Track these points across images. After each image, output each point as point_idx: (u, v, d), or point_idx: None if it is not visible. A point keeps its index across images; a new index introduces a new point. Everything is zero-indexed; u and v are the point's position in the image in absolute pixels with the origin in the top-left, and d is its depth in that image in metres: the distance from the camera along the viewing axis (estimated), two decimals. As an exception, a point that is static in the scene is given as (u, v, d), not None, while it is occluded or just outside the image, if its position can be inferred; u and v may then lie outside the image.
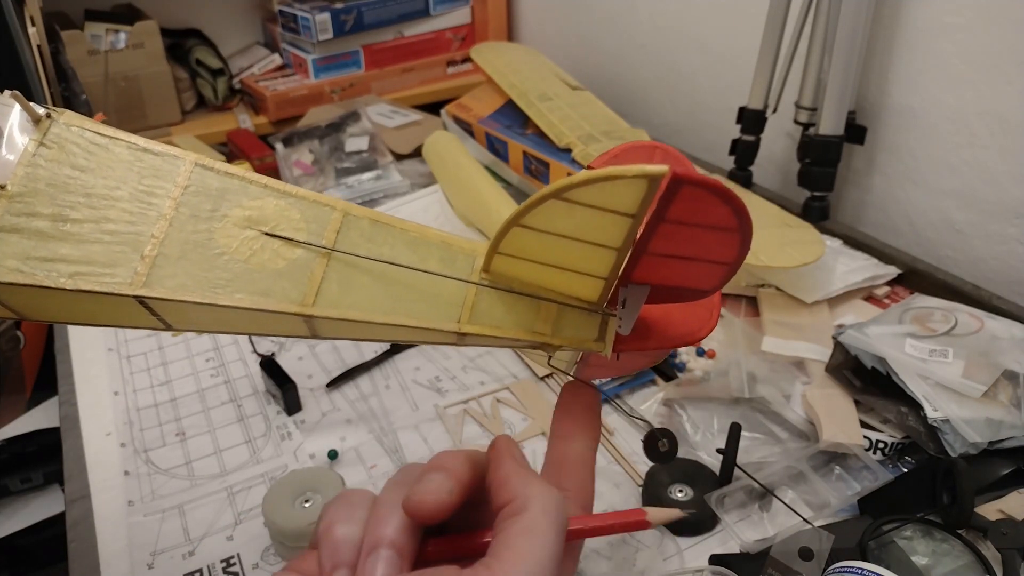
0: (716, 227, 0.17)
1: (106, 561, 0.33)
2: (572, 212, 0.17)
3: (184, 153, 0.20)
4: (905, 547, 0.30)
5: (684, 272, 0.19)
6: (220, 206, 0.20)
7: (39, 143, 0.19)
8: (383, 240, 0.20)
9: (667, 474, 0.34)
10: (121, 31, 0.74)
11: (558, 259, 0.19)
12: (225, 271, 0.19)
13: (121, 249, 0.19)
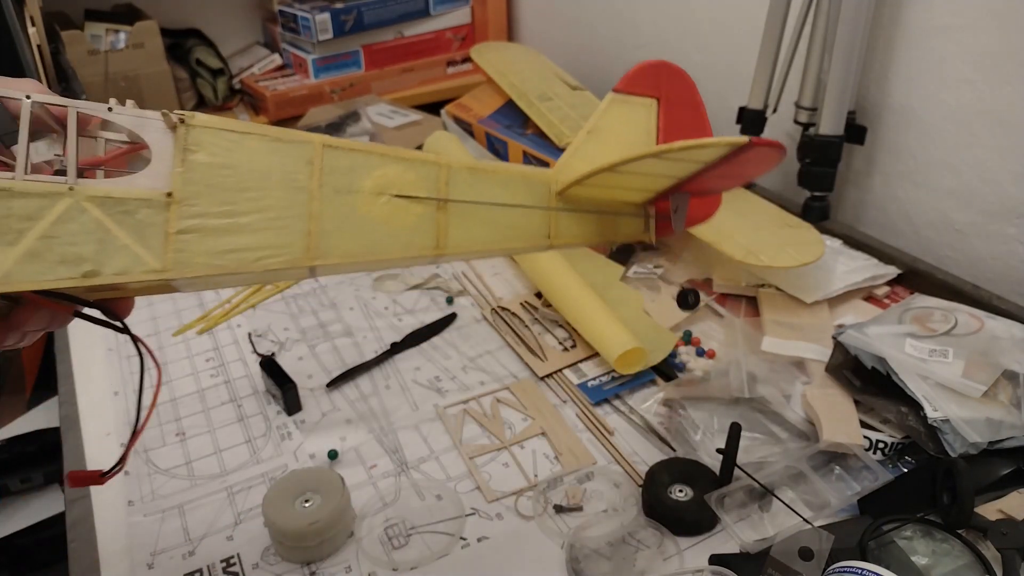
0: (764, 163, 0.23)
1: (106, 561, 0.33)
2: (659, 162, 0.22)
3: (310, 137, 0.22)
4: (905, 547, 0.30)
5: (723, 184, 0.26)
6: (353, 180, 0.23)
7: (184, 148, 0.21)
8: (482, 185, 0.25)
9: (667, 474, 0.35)
10: (121, 31, 0.74)
11: (626, 185, 0.25)
12: (374, 233, 0.23)
13: (287, 231, 0.22)
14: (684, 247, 0.53)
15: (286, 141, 0.22)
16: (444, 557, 0.32)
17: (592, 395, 0.42)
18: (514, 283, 0.53)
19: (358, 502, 0.35)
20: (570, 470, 0.37)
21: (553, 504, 0.35)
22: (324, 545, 0.33)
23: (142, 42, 0.75)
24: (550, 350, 0.45)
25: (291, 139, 0.22)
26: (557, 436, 0.39)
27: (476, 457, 0.38)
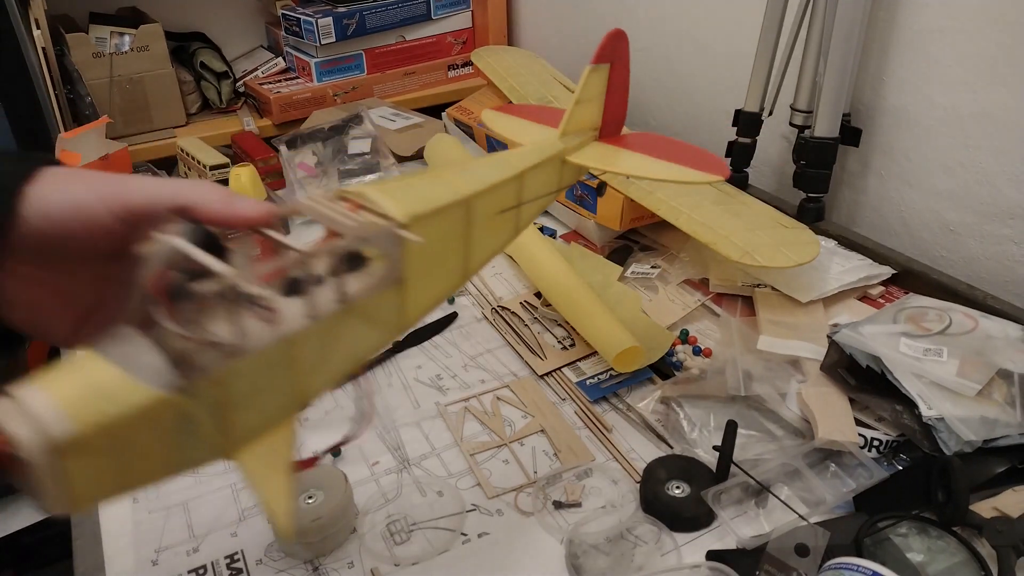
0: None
1: (110, 558, 0.34)
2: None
3: (458, 196, 0.27)
4: (900, 544, 0.30)
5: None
6: (485, 211, 0.29)
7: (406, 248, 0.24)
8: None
9: (665, 471, 0.35)
10: (125, 34, 0.75)
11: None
12: (492, 240, 0.30)
13: (455, 267, 0.28)
14: (681, 248, 0.53)
15: (444, 212, 0.26)
16: (445, 552, 0.33)
17: (591, 393, 0.42)
18: (514, 283, 0.53)
19: (360, 498, 0.36)
20: (569, 467, 0.37)
21: (552, 500, 0.35)
22: (327, 541, 0.33)
23: (146, 45, 0.76)
24: (549, 349, 0.46)
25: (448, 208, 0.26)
26: (556, 433, 0.39)
27: (477, 454, 0.38)
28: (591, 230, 0.56)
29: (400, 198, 0.23)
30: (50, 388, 0.17)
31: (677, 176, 0.34)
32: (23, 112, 0.67)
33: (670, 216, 0.48)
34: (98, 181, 0.20)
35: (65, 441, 0.16)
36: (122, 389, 0.18)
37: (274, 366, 0.20)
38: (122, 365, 0.18)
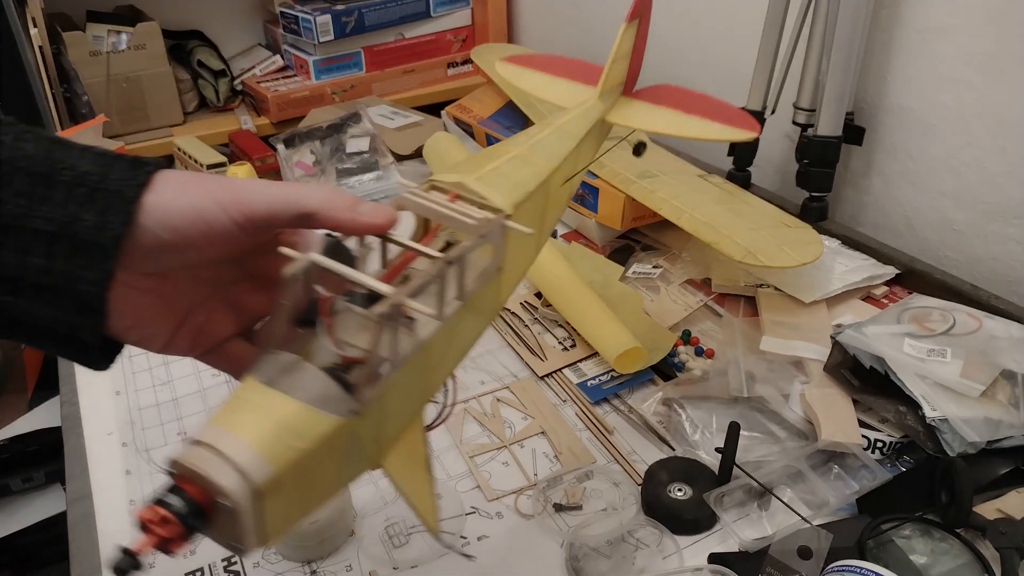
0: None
1: (107, 560, 0.33)
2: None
3: (543, 176, 0.27)
4: (904, 546, 0.30)
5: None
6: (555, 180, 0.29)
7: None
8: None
9: (666, 473, 0.35)
10: (123, 32, 0.74)
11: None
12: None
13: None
14: (683, 247, 0.53)
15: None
16: (444, 556, 0.33)
17: (592, 394, 0.42)
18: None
19: (359, 501, 0.35)
20: (570, 469, 0.37)
21: (553, 503, 0.35)
22: (325, 544, 0.33)
23: (144, 43, 0.75)
24: (550, 350, 0.45)
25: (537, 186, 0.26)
26: (557, 435, 0.39)
27: (476, 456, 0.38)
28: (592, 229, 0.56)
29: (497, 186, 0.24)
30: (241, 431, 0.17)
31: (712, 134, 0.33)
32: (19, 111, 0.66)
33: (672, 215, 0.48)
34: (216, 187, 0.19)
35: (266, 484, 0.16)
36: (307, 422, 0.18)
37: (415, 371, 0.21)
38: (300, 396, 0.18)
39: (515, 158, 0.27)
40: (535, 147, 0.29)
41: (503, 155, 0.27)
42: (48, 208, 0.18)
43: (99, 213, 0.18)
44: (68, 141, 0.19)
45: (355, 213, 0.20)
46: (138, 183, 0.19)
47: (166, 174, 0.19)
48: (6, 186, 0.17)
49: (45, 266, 0.18)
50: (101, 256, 0.18)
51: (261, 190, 0.20)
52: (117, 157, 0.19)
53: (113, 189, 0.18)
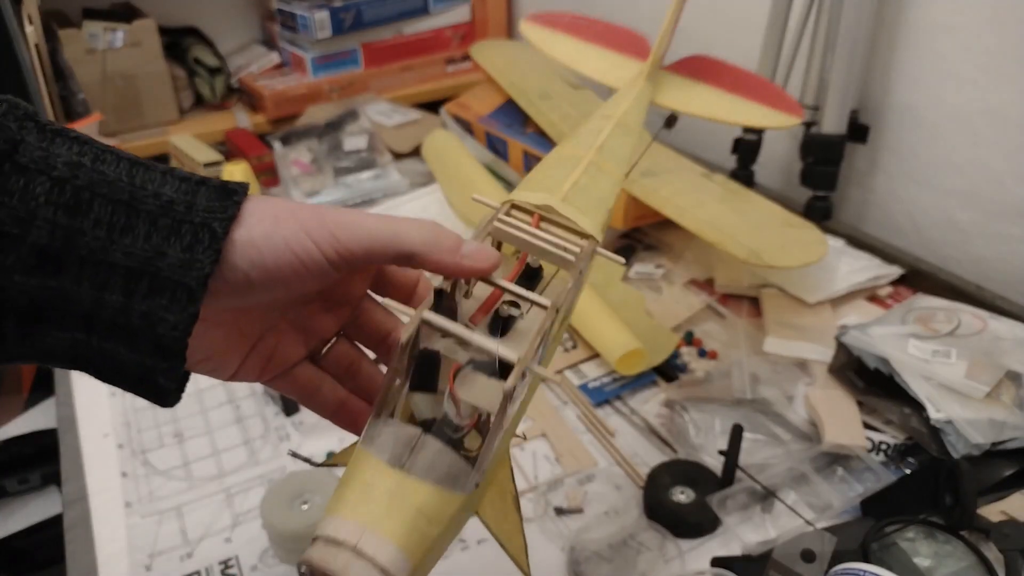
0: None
1: (104, 562, 0.33)
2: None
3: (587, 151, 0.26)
4: (908, 549, 0.30)
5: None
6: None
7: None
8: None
9: (669, 475, 0.34)
10: (119, 29, 0.74)
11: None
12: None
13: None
14: (686, 247, 0.53)
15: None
16: (443, 559, 0.32)
17: (593, 396, 0.41)
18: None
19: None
20: (571, 472, 0.36)
21: (554, 506, 0.34)
22: (323, 547, 0.32)
23: (140, 40, 0.75)
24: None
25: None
26: (558, 438, 0.39)
27: (476, 458, 0.38)
28: (592, 228, 0.55)
29: (583, 205, 0.22)
30: (381, 528, 0.16)
31: (758, 119, 0.32)
32: (14, 108, 0.66)
33: (674, 215, 0.47)
34: (309, 219, 0.18)
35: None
36: (440, 506, 0.17)
37: (514, 422, 0.20)
38: (430, 478, 0.17)
39: (591, 166, 0.25)
40: (604, 151, 0.27)
41: (577, 163, 0.25)
42: (129, 241, 0.16)
43: (185, 249, 0.16)
44: (148, 161, 0.17)
45: (459, 257, 0.19)
46: (227, 216, 0.17)
47: (255, 203, 0.18)
48: (86, 215, 0.16)
49: (123, 304, 0.16)
50: (186, 297, 0.16)
51: (358, 226, 0.18)
52: (202, 182, 0.17)
53: (199, 222, 0.16)
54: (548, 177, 0.24)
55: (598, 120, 0.30)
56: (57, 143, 0.16)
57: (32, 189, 0.15)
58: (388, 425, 0.18)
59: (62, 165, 0.16)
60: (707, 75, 0.34)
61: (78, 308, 0.16)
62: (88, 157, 0.16)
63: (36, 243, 0.15)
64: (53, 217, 0.15)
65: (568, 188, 0.23)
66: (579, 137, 0.28)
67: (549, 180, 0.24)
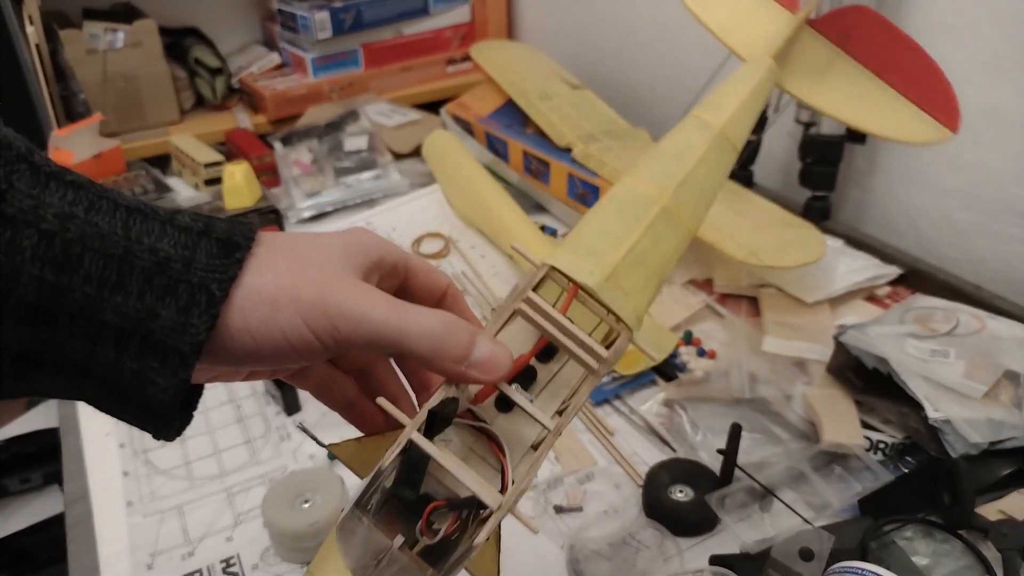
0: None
1: (105, 562, 0.33)
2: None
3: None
4: (906, 547, 0.30)
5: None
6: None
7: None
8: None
9: (668, 474, 0.34)
10: (119, 30, 0.74)
11: None
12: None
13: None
14: (684, 247, 0.53)
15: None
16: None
17: (592, 396, 0.41)
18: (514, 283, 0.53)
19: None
20: (570, 471, 0.36)
21: (553, 505, 0.35)
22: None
23: (140, 41, 0.75)
24: (550, 350, 0.45)
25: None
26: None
27: (476, 458, 0.38)
28: (592, 228, 0.56)
29: (633, 281, 0.19)
30: None
31: (897, 130, 0.23)
32: (16, 109, 0.66)
33: (672, 214, 0.48)
34: (310, 306, 0.16)
35: None
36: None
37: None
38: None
39: (662, 217, 0.20)
40: (686, 188, 0.21)
41: (645, 210, 0.20)
42: (121, 299, 0.15)
43: (180, 311, 0.15)
44: (148, 209, 0.16)
45: (466, 366, 0.17)
46: (227, 277, 0.16)
47: (258, 262, 0.16)
48: (75, 271, 0.15)
49: (114, 361, 0.15)
50: (177, 362, 0.15)
51: (362, 317, 0.17)
52: (203, 233, 0.16)
53: (197, 282, 0.15)
54: (604, 231, 0.20)
55: (690, 130, 0.22)
56: (50, 189, 0.15)
57: (18, 242, 0.14)
58: (363, 524, 0.17)
59: (52, 216, 0.15)
60: (858, 42, 0.25)
61: (72, 358, 0.15)
62: (82, 206, 0.15)
63: (23, 298, 0.14)
64: (40, 273, 0.14)
65: (622, 257, 0.19)
66: (659, 161, 0.22)
67: (604, 237, 0.20)
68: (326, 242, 0.18)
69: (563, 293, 0.19)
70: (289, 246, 0.17)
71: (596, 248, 0.20)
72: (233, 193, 0.59)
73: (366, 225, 0.60)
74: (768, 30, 0.24)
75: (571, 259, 0.20)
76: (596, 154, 0.55)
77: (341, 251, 0.18)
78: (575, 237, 0.21)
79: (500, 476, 0.18)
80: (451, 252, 0.56)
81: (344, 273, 0.17)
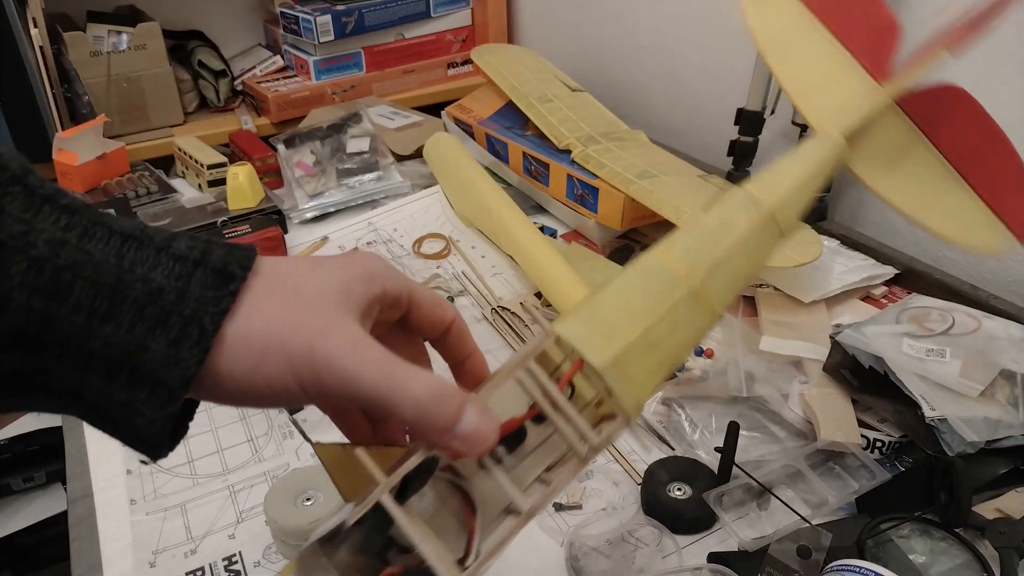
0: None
1: (108, 560, 0.33)
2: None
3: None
4: (903, 546, 0.30)
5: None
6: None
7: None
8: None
9: (666, 472, 0.35)
10: (123, 32, 0.74)
11: None
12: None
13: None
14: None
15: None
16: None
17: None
18: (514, 283, 0.53)
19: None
20: (570, 469, 0.37)
21: (553, 502, 0.35)
22: (325, 543, 0.33)
23: (144, 43, 0.75)
24: (550, 350, 0.45)
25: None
26: (557, 435, 0.39)
27: (476, 456, 0.38)
28: (592, 230, 0.56)
29: (643, 367, 0.17)
30: None
31: (963, 233, 0.20)
32: (20, 111, 0.66)
33: (672, 216, 0.48)
34: (299, 355, 0.16)
35: None
36: None
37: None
38: None
39: (686, 301, 0.18)
40: (719, 273, 0.18)
41: (670, 291, 0.18)
42: (111, 329, 0.15)
43: (170, 344, 0.15)
44: (143, 235, 0.16)
45: (450, 437, 0.17)
46: (220, 309, 0.15)
47: (253, 298, 0.16)
48: (64, 299, 0.14)
49: (103, 390, 0.15)
50: (165, 395, 0.15)
51: (350, 375, 0.16)
52: (199, 262, 0.16)
53: (190, 314, 0.15)
54: (623, 305, 0.18)
55: (736, 206, 0.19)
56: (43, 213, 0.15)
57: (7, 269, 0.14)
58: (322, 564, 0.17)
59: (43, 243, 0.14)
60: (945, 127, 0.21)
61: (62, 383, 0.15)
62: (75, 232, 0.15)
63: (11, 324, 0.14)
64: (28, 301, 0.14)
65: (636, 338, 0.17)
66: (696, 237, 0.19)
67: (621, 312, 0.18)
68: (327, 275, 0.17)
69: (566, 360, 0.18)
70: (285, 279, 0.17)
71: (611, 322, 0.18)
72: (236, 194, 0.60)
73: (368, 226, 0.61)
74: (846, 99, 0.21)
75: (581, 331, 0.18)
76: (595, 155, 0.55)
77: (341, 287, 0.17)
78: (591, 304, 0.19)
79: (467, 540, 0.18)
80: (452, 252, 0.56)
81: (339, 318, 0.17)
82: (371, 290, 0.18)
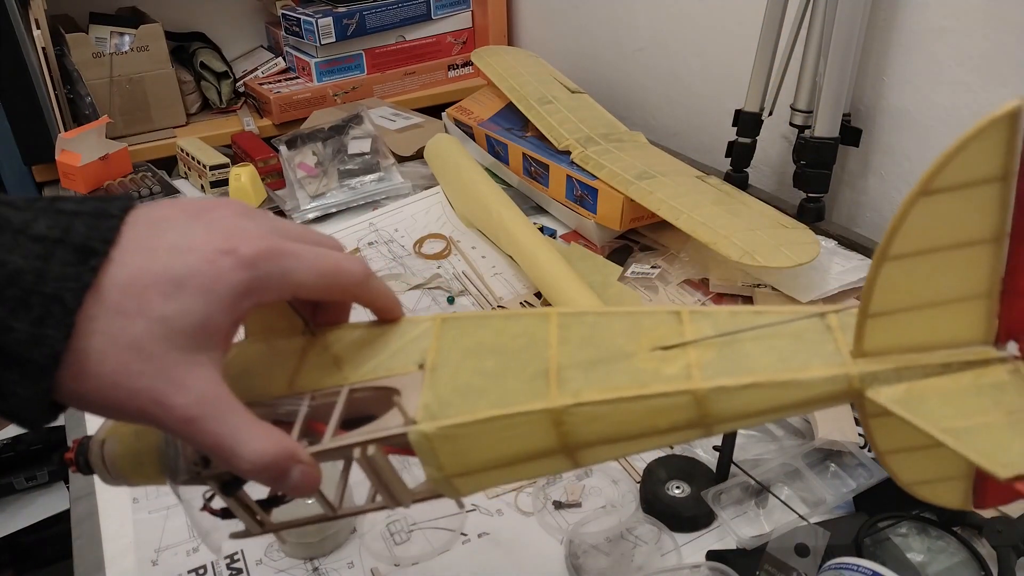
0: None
1: (110, 558, 0.34)
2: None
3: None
4: (900, 544, 0.30)
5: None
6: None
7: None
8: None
9: (665, 471, 0.35)
10: (126, 34, 0.75)
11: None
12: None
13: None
14: (681, 248, 0.53)
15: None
16: (445, 552, 0.33)
17: (591, 394, 0.42)
18: (514, 283, 0.53)
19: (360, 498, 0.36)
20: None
21: (552, 500, 0.35)
22: (327, 541, 0.33)
23: (146, 45, 0.76)
24: (550, 350, 0.46)
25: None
26: (556, 434, 0.39)
27: (476, 455, 0.38)
28: (591, 230, 0.56)
29: (459, 462, 0.18)
30: None
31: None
32: (23, 112, 0.67)
33: (670, 216, 0.48)
34: (138, 411, 0.16)
35: None
36: None
37: None
38: None
39: (543, 417, 0.17)
40: (597, 417, 0.17)
41: (531, 394, 0.18)
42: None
43: (34, 323, 0.15)
44: (3, 218, 0.15)
45: (281, 488, 0.19)
46: (81, 284, 0.15)
47: (115, 270, 0.15)
48: None
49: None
50: (37, 374, 0.15)
51: (187, 434, 0.17)
52: (59, 241, 0.15)
53: (50, 293, 0.15)
54: (475, 380, 0.19)
55: (667, 361, 0.17)
56: None
57: None
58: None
59: None
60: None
61: None
62: None
63: None
64: None
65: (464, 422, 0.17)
66: (606, 361, 0.18)
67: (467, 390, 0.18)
68: (190, 293, 0.16)
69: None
70: (153, 251, 0.16)
71: (455, 397, 0.18)
72: (238, 195, 0.60)
73: (369, 227, 0.61)
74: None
75: (428, 397, 0.18)
76: (594, 157, 0.55)
77: (201, 317, 0.16)
78: (441, 376, 0.19)
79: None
80: (452, 253, 0.57)
81: (184, 369, 0.16)
82: (236, 315, 0.17)
